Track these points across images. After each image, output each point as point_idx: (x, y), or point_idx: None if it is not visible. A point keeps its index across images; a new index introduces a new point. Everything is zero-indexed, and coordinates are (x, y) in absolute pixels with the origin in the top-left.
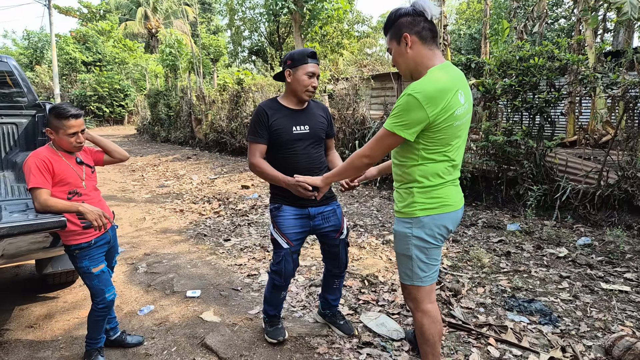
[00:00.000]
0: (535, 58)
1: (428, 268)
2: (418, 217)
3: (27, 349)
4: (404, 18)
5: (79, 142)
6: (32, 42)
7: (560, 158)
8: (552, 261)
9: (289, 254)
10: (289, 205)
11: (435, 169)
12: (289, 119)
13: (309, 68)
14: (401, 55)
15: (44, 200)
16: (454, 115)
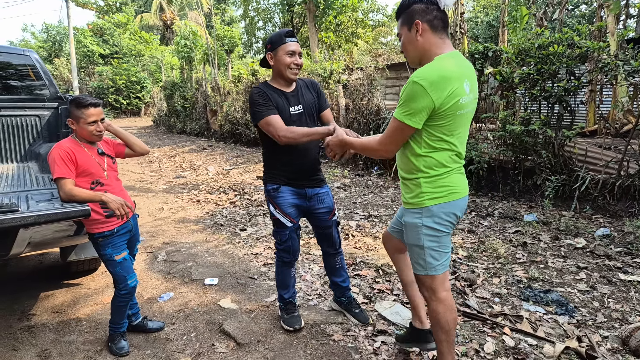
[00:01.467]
0: (554, 46)
1: (440, 256)
2: (427, 207)
3: (53, 333)
4: (417, 5)
5: (99, 130)
6: (50, 35)
7: (580, 148)
8: (569, 252)
9: (294, 231)
10: (286, 186)
11: (439, 158)
12: (283, 100)
13: (288, 47)
14: (411, 42)
15: (68, 189)
16: (458, 104)
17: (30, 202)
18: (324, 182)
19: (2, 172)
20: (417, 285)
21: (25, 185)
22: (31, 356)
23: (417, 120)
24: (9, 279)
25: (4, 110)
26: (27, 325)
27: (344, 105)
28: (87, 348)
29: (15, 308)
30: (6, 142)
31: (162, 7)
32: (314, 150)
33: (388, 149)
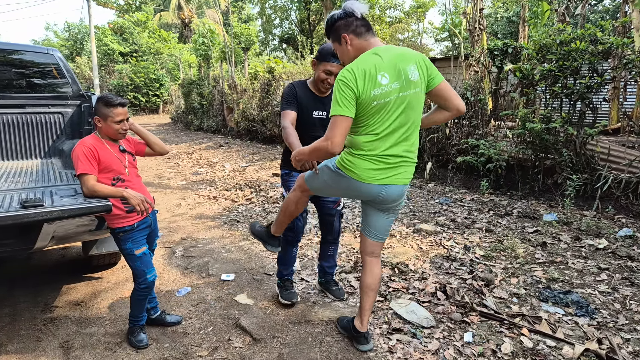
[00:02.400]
0: (576, 42)
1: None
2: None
3: (75, 325)
4: (339, 21)
5: (124, 129)
6: (72, 34)
7: (602, 146)
8: (590, 252)
9: (300, 213)
10: (298, 172)
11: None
12: (311, 102)
13: (327, 66)
14: (344, 53)
15: (91, 185)
16: (373, 95)
17: (54, 197)
18: None
19: (27, 167)
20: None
21: (49, 181)
22: (54, 347)
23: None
24: (32, 272)
25: (29, 107)
26: (50, 317)
27: None
28: (108, 340)
29: (39, 300)
30: (31, 139)
31: (180, 6)
32: None
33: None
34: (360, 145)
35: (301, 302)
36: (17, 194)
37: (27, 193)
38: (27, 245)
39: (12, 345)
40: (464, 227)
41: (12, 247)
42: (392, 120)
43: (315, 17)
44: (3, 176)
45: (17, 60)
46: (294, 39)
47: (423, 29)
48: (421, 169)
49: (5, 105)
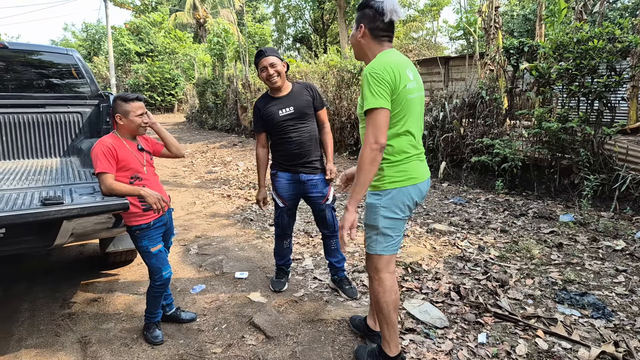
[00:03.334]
0: (594, 40)
1: (392, 239)
2: (387, 190)
3: (92, 320)
4: (367, 10)
5: (146, 122)
6: (90, 34)
7: (621, 146)
8: (608, 254)
9: (284, 211)
10: (283, 172)
11: (399, 145)
12: (275, 107)
13: (260, 65)
14: (354, 39)
15: (109, 184)
16: (407, 88)
17: (73, 195)
18: (319, 170)
19: (47, 166)
20: None
21: (69, 179)
22: (72, 342)
23: (384, 100)
24: (51, 268)
25: (49, 107)
26: (68, 312)
27: None
28: (124, 336)
29: (57, 296)
30: (50, 138)
31: (195, 6)
32: (307, 142)
33: (379, 137)
34: (403, 149)
35: (314, 301)
36: (38, 191)
37: (47, 191)
38: (46, 241)
39: (32, 339)
40: (478, 227)
41: (33, 243)
42: (418, 117)
43: (329, 16)
44: (24, 174)
45: (37, 60)
46: (308, 38)
47: (437, 28)
48: (435, 169)
49: (26, 104)
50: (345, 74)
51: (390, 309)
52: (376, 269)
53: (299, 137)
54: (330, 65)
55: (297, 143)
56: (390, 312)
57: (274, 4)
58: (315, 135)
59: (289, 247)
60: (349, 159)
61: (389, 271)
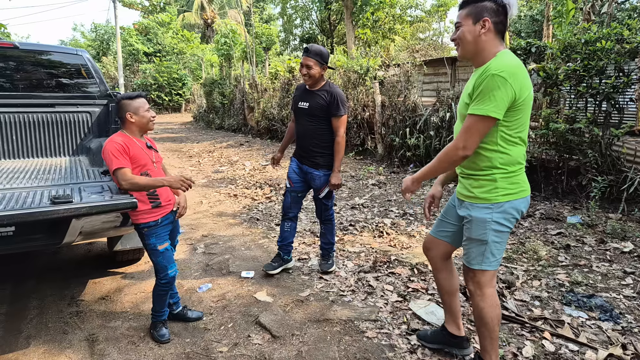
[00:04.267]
0: (602, 41)
1: (499, 252)
2: (499, 203)
3: (100, 318)
4: (490, 2)
5: (153, 116)
6: (99, 35)
7: (629, 147)
8: (615, 256)
9: (289, 192)
10: (295, 158)
11: (515, 154)
12: (300, 96)
13: (302, 61)
14: (471, 34)
15: (130, 177)
16: (529, 95)
17: (82, 193)
18: (319, 166)
19: (56, 165)
20: (458, 294)
21: (77, 178)
22: (80, 340)
23: (501, 112)
24: (60, 266)
25: (58, 106)
26: (76, 310)
27: (380, 102)
28: (131, 334)
29: (66, 294)
30: (60, 137)
31: (203, 6)
32: (309, 137)
33: (469, 145)
34: (518, 159)
35: (320, 301)
36: (47, 190)
37: (56, 189)
38: (55, 240)
39: (40, 337)
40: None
41: (42, 241)
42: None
43: (336, 17)
44: (34, 173)
45: (47, 60)
46: (315, 39)
47: (444, 28)
48: None
49: (36, 104)
50: (351, 74)
51: (495, 323)
52: (479, 284)
53: (303, 131)
54: (337, 65)
55: (300, 135)
56: (494, 327)
57: (281, 4)
58: (320, 137)
59: (290, 231)
60: (355, 159)
61: (492, 286)
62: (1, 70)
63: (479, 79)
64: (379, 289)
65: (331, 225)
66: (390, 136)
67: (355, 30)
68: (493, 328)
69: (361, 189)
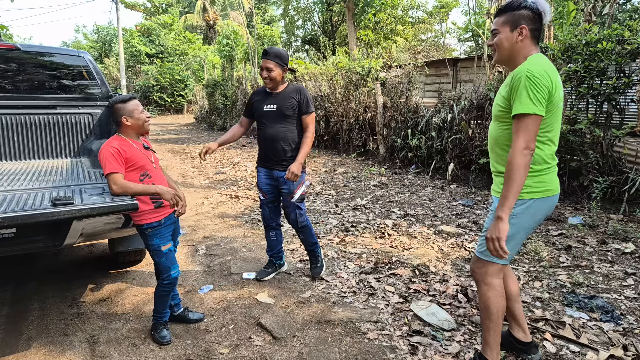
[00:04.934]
0: (603, 42)
1: (513, 249)
2: (523, 199)
3: (101, 320)
4: (526, 10)
5: (148, 117)
6: (101, 36)
7: (630, 148)
8: (617, 257)
9: (265, 204)
10: (262, 167)
11: (543, 153)
12: (264, 99)
13: (262, 64)
14: (509, 41)
15: (122, 183)
16: (560, 96)
17: (83, 195)
18: None
19: (58, 166)
20: (519, 298)
21: (79, 180)
22: (80, 341)
23: (542, 107)
24: (61, 268)
25: (60, 108)
26: (77, 312)
27: (381, 103)
28: (132, 335)
29: (67, 295)
30: (61, 138)
31: (205, 8)
32: (280, 141)
33: (530, 143)
34: (547, 159)
35: (321, 302)
36: (48, 192)
37: (57, 191)
38: (56, 241)
39: (41, 339)
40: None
41: (43, 243)
42: (559, 125)
43: (338, 18)
44: (35, 174)
45: (49, 62)
46: (317, 40)
47: (446, 29)
48: (443, 170)
49: (37, 105)
50: (353, 75)
51: (500, 314)
52: (487, 273)
53: (273, 135)
54: (339, 66)
55: (269, 139)
56: (499, 318)
57: (283, 6)
58: (292, 137)
59: (277, 239)
60: (357, 160)
61: (499, 277)
62: (3, 72)
63: (513, 81)
64: (380, 290)
65: (309, 230)
66: (392, 137)
67: (357, 31)
68: (497, 320)
69: (363, 190)
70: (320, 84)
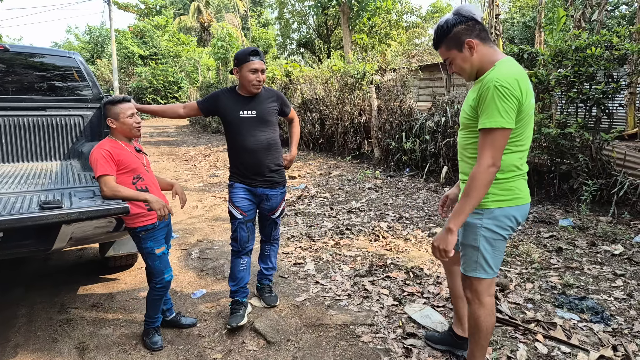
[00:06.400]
0: (592, 48)
1: (493, 260)
2: (490, 209)
3: (91, 326)
4: (458, 27)
5: (138, 122)
6: (93, 37)
7: (618, 151)
8: (606, 258)
9: (243, 223)
10: (240, 183)
11: (510, 160)
12: (238, 104)
13: (251, 65)
14: (466, 61)
15: (113, 186)
16: (531, 104)
17: (73, 198)
18: (278, 184)
19: (47, 169)
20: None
21: (69, 183)
22: (69, 348)
23: (512, 120)
24: (50, 273)
25: (50, 110)
26: (66, 318)
27: (376, 107)
28: (123, 341)
29: (56, 301)
30: (51, 141)
31: (199, 10)
32: (263, 151)
33: (496, 160)
34: (517, 164)
35: (315, 306)
36: (37, 195)
37: (46, 194)
38: (45, 246)
39: (29, 345)
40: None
41: (31, 247)
42: (531, 132)
43: (333, 22)
44: (23, 177)
45: (39, 63)
46: (312, 43)
47: None
48: (437, 173)
49: (27, 107)
50: (348, 78)
51: (489, 331)
52: (476, 291)
53: (253, 145)
54: (334, 70)
55: (250, 150)
56: (488, 334)
57: (278, 9)
58: (275, 143)
59: (247, 269)
60: (352, 163)
61: (490, 294)
62: None
63: (480, 91)
64: (375, 293)
65: (277, 245)
66: (386, 140)
67: (352, 35)
68: (486, 336)
69: (358, 193)
70: (315, 87)
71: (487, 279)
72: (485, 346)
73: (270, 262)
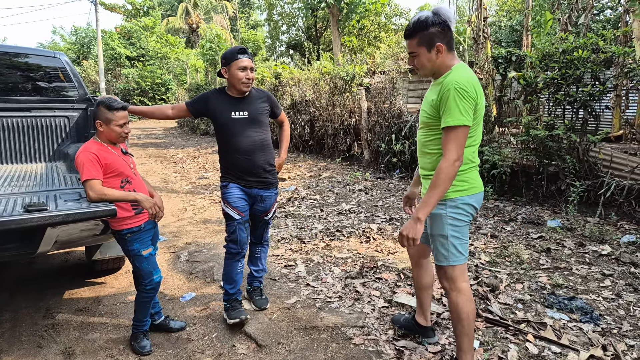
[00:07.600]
0: (579, 50)
1: (461, 246)
2: (451, 198)
3: (77, 330)
4: (435, 28)
5: (126, 132)
6: (79, 38)
7: (605, 153)
8: (594, 259)
9: (242, 223)
10: (234, 184)
11: (466, 154)
12: (228, 105)
13: (240, 63)
14: (430, 61)
15: (99, 189)
16: (483, 105)
17: (58, 201)
18: (272, 185)
19: (32, 171)
20: (430, 290)
21: (54, 185)
22: (55, 353)
23: (469, 118)
24: (35, 277)
25: (35, 111)
26: (51, 322)
27: (366, 109)
28: (110, 346)
29: (41, 306)
30: (36, 142)
31: (188, 11)
32: (258, 152)
33: (459, 155)
34: (471, 157)
35: (307, 308)
36: (21, 197)
37: (31, 197)
38: (29, 249)
39: (13, 351)
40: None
41: (15, 251)
42: (481, 129)
43: (322, 24)
44: (7, 179)
45: (24, 63)
46: (301, 45)
47: None
48: None
49: (11, 108)
50: (338, 80)
51: (471, 319)
52: (452, 279)
53: (249, 146)
54: (323, 72)
55: (244, 151)
56: (470, 322)
57: (267, 11)
58: (268, 144)
59: (242, 272)
60: (342, 165)
61: (465, 280)
62: None
63: (441, 93)
64: (366, 294)
65: (267, 247)
66: (376, 142)
67: (341, 37)
68: (469, 324)
69: (348, 195)
70: (305, 88)
71: (460, 265)
72: (471, 335)
73: (261, 264)
